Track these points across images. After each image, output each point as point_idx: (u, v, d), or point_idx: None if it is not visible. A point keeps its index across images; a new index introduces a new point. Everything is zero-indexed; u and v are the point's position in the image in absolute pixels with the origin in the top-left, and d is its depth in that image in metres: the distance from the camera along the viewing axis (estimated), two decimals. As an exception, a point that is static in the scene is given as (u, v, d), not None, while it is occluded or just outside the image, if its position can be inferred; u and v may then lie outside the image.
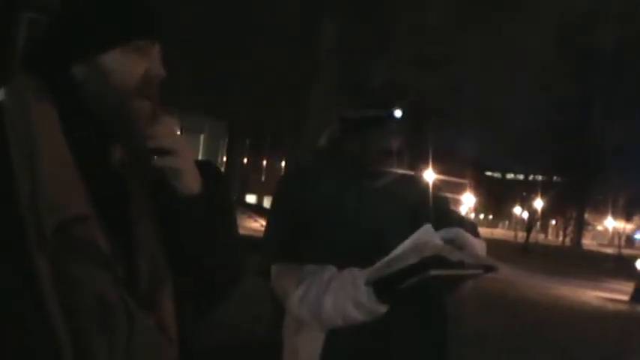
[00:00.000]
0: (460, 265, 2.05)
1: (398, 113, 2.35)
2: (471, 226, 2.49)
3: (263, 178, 40.06)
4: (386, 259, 2.05)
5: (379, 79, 2.66)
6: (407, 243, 2.04)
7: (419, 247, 2.02)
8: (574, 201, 51.11)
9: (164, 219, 1.28)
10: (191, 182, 1.28)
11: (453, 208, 2.76)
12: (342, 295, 2.10)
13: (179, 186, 1.27)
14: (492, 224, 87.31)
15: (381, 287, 2.07)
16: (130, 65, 1.26)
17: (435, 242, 2.06)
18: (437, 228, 2.17)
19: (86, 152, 1.21)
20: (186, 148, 1.29)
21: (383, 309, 2.09)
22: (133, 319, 1.15)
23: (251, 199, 39.10)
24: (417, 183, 2.57)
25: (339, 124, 2.46)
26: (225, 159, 38.85)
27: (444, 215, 2.47)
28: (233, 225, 1.47)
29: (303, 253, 2.26)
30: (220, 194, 1.37)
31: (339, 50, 15.10)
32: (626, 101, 43.78)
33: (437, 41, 20.04)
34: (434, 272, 2.00)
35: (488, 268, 2.20)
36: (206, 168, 1.36)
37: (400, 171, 2.47)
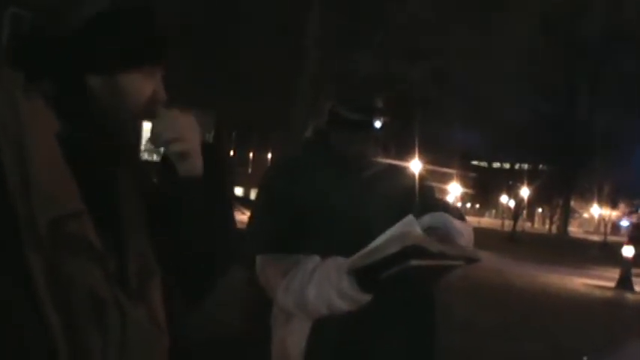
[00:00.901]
0: (441, 256, 2.07)
1: (378, 124, 2.40)
2: (457, 213, 2.52)
3: (250, 171, 40.04)
4: (368, 248, 2.07)
5: (366, 70, 2.68)
6: (389, 233, 2.06)
7: (400, 237, 2.03)
8: (560, 189, 51.34)
9: (153, 212, 1.31)
10: (193, 166, 1.37)
11: (438, 196, 2.80)
12: (325, 285, 2.12)
13: (182, 169, 1.36)
14: (479, 213, 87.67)
15: (364, 276, 2.09)
16: (142, 86, 1.31)
17: (417, 232, 2.08)
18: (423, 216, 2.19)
19: (78, 150, 1.21)
20: (190, 132, 1.38)
21: (366, 298, 2.11)
22: (125, 313, 1.16)
23: (238, 191, 39.05)
24: (404, 173, 2.60)
25: (326, 117, 2.48)
26: (211, 151, 38.73)
27: (431, 204, 2.49)
28: (229, 209, 1.51)
29: (290, 244, 2.27)
30: (219, 179, 1.43)
31: (326, 40, 15.10)
32: (612, 90, 43.98)
33: (424, 31, 20.05)
34: (414, 262, 2.01)
35: (470, 260, 2.22)
36: (208, 152, 1.42)
37: (387, 162, 2.51)
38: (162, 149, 1.36)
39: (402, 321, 2.40)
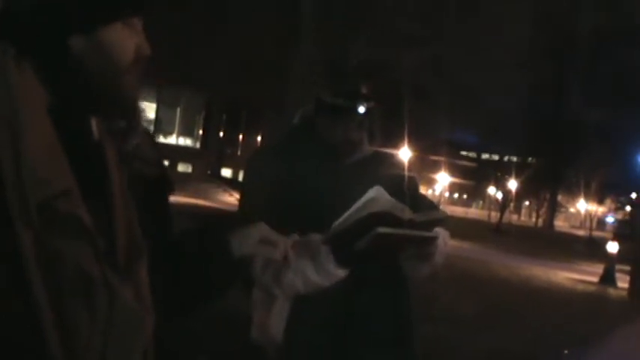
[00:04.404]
0: (410, 223, 2.08)
1: (362, 109, 2.42)
2: (440, 213, 2.54)
3: (239, 153, 39.99)
4: (341, 218, 2.08)
5: (356, 57, 2.70)
6: (360, 201, 2.07)
7: (369, 204, 2.04)
8: (547, 183, 51.55)
9: (138, 192, 1.31)
10: None
11: (422, 192, 2.83)
12: (302, 258, 2.13)
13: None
14: (466, 204, 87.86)
15: (338, 248, 2.09)
16: (126, 40, 1.26)
17: (386, 199, 2.09)
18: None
19: (67, 125, 1.20)
20: None
21: (342, 273, 2.11)
22: (113, 292, 1.16)
23: (226, 173, 39.04)
24: (388, 161, 2.62)
25: (314, 104, 2.52)
26: (201, 133, 38.71)
27: (413, 198, 2.51)
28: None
29: (272, 227, 2.28)
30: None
31: (318, 25, 15.06)
32: (603, 86, 44.08)
33: (415, 19, 20.02)
34: (382, 230, 2.02)
35: (438, 221, 2.26)
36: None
37: (373, 149, 2.53)
38: None
39: (380, 303, 2.43)
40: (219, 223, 1.62)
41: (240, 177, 33.77)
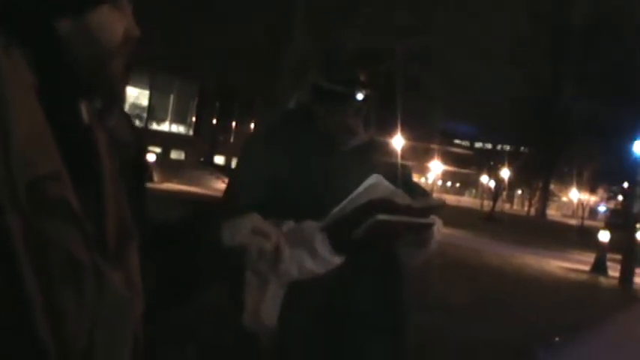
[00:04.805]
0: (408, 209, 2.08)
1: (360, 96, 2.41)
2: (437, 200, 2.55)
3: (232, 140, 39.96)
4: (339, 206, 2.08)
5: (351, 44, 2.70)
6: (359, 189, 2.07)
7: (368, 191, 2.04)
8: (540, 172, 51.69)
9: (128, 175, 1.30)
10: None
11: (416, 180, 2.84)
12: (298, 245, 2.13)
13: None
14: (459, 192, 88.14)
15: (335, 235, 2.09)
16: (115, 23, 1.25)
17: (385, 185, 2.09)
18: None
19: (56, 108, 1.19)
20: None
21: (337, 260, 2.11)
22: (102, 277, 1.15)
23: (219, 160, 39.02)
24: (383, 149, 2.62)
25: (309, 90, 2.50)
26: (194, 119, 38.64)
27: (407, 185, 2.51)
28: None
29: (266, 215, 2.27)
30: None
31: (312, 12, 15.02)
32: (595, 76, 44.13)
33: (408, 9, 19.99)
34: (381, 217, 2.01)
35: (437, 208, 2.28)
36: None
37: (368, 137, 2.53)
38: None
39: (377, 291, 2.43)
40: (211, 212, 1.61)
41: (234, 164, 33.74)
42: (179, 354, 4.82)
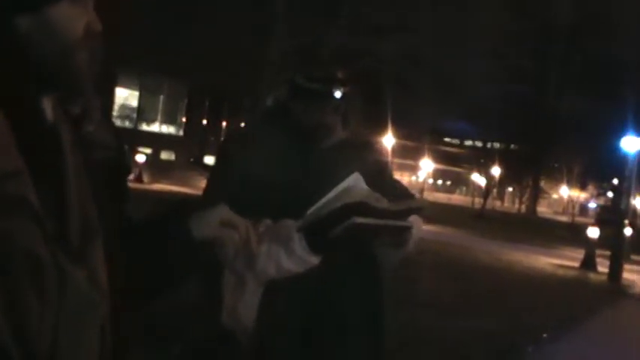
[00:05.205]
0: (385, 213, 2.08)
1: (338, 94, 2.42)
2: (417, 201, 2.55)
3: (221, 139, 39.87)
4: (315, 206, 2.08)
5: (329, 43, 2.70)
6: (336, 189, 2.07)
7: (345, 193, 2.04)
8: (530, 169, 51.78)
9: (93, 172, 1.30)
10: None
11: (397, 178, 2.83)
12: (275, 244, 2.12)
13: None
14: (450, 190, 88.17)
15: (312, 235, 2.09)
16: (74, 17, 1.25)
17: (362, 188, 2.09)
18: (380, 193, 2.19)
19: (17, 104, 1.18)
20: None
21: (314, 260, 2.11)
22: (64, 275, 1.14)
23: (209, 160, 38.94)
24: (362, 146, 2.61)
25: (288, 88, 2.50)
26: (184, 120, 38.57)
27: (386, 183, 2.51)
28: None
29: (242, 213, 2.27)
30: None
31: (293, 10, 15.01)
32: (583, 73, 44.25)
33: (392, 7, 19.97)
34: (358, 220, 2.01)
35: (416, 210, 2.26)
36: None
37: (347, 134, 2.53)
38: None
39: (353, 290, 2.43)
40: (180, 206, 1.60)
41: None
42: (166, 354, 4.81)
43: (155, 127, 37.33)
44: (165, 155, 36.14)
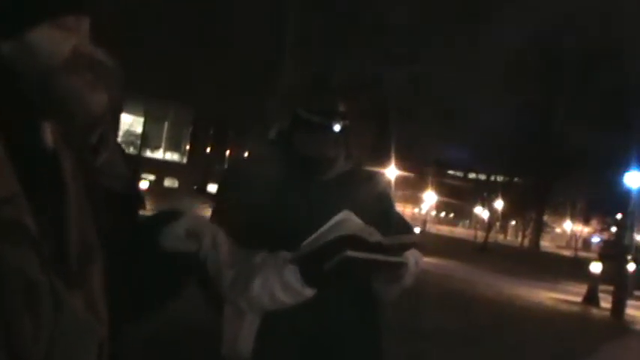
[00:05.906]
0: (378, 246, 2.07)
1: (337, 127, 2.44)
2: (412, 237, 2.56)
3: (226, 168, 39.91)
4: (309, 239, 2.08)
5: (340, 74, 2.72)
6: (329, 223, 2.07)
7: (339, 226, 2.04)
8: (534, 203, 51.67)
9: (94, 196, 1.30)
10: None
11: (399, 210, 2.84)
12: (270, 276, 2.13)
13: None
14: (453, 223, 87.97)
15: (305, 267, 2.09)
16: (57, 41, 1.25)
17: (355, 222, 2.09)
18: (379, 226, 2.19)
19: (14, 130, 1.18)
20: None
21: (309, 292, 2.11)
22: (60, 300, 1.14)
23: (213, 188, 38.94)
24: (363, 178, 2.62)
25: (291, 119, 2.52)
26: (188, 147, 38.67)
27: (387, 215, 2.52)
28: None
29: (244, 242, 2.27)
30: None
31: (303, 44, 15.12)
32: (589, 107, 44.32)
33: (401, 38, 20.09)
34: (350, 253, 2.01)
35: (408, 245, 2.25)
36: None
37: (348, 166, 2.54)
38: None
39: (350, 322, 2.42)
40: (149, 220, 1.60)
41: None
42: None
43: (159, 154, 37.43)
44: (168, 182, 36.18)
